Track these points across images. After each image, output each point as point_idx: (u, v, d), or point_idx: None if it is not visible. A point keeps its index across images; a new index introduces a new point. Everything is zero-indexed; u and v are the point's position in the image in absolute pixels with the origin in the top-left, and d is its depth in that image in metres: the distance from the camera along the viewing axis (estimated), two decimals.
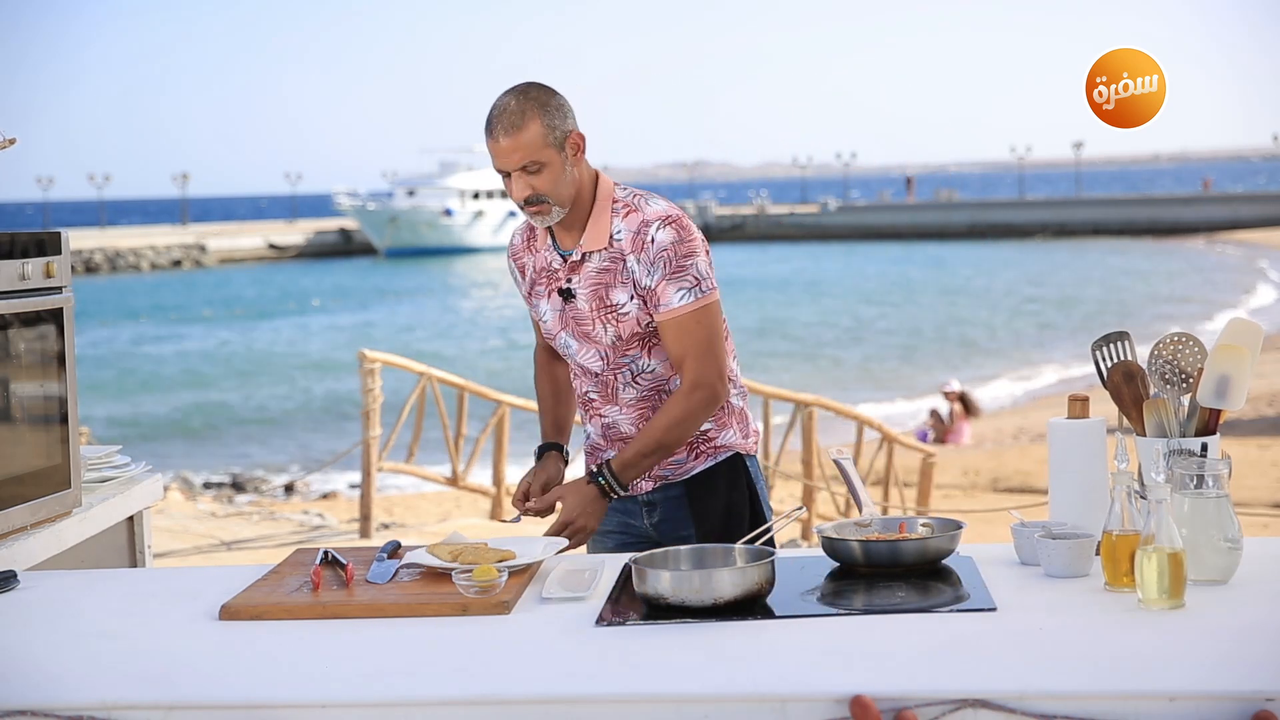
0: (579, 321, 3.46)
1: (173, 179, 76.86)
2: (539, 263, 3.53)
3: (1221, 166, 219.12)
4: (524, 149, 3.30)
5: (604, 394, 3.52)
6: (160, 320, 41.48)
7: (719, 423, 3.51)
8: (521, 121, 3.29)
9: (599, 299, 3.42)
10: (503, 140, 3.30)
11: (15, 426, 3.53)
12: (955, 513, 10.46)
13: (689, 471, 3.50)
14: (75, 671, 2.47)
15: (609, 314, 3.41)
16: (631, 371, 3.47)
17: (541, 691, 2.31)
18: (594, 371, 3.50)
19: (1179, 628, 2.48)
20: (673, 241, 3.36)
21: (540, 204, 3.36)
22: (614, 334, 3.43)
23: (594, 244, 3.41)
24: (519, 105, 3.31)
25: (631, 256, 3.38)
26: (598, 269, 3.41)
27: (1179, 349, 2.99)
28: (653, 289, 3.37)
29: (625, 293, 3.40)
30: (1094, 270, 50.32)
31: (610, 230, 3.41)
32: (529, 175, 3.33)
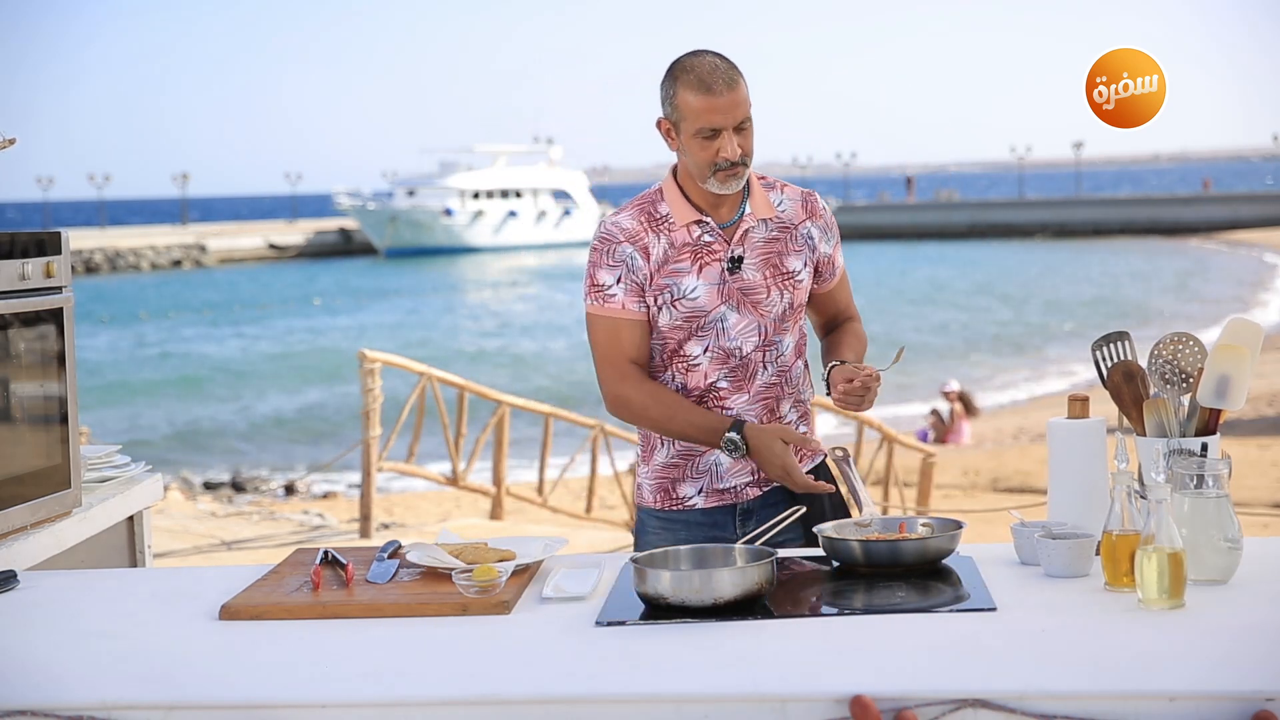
0: (748, 292, 3.41)
1: (173, 179, 76.86)
2: (678, 240, 3.41)
3: (1221, 166, 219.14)
4: (743, 104, 3.32)
5: (738, 380, 3.42)
6: (160, 320, 41.47)
7: (810, 425, 3.57)
8: (736, 77, 3.32)
9: (772, 267, 3.44)
10: (726, 95, 3.28)
11: (15, 426, 3.53)
12: (955, 513, 10.46)
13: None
14: (75, 671, 2.47)
15: (784, 280, 3.45)
16: (776, 351, 3.46)
17: (541, 691, 2.31)
18: (741, 352, 3.42)
19: (1179, 628, 2.48)
20: (831, 211, 3.58)
21: (740, 166, 3.35)
22: (787, 301, 3.45)
23: (763, 212, 3.46)
24: (727, 64, 3.33)
25: (809, 224, 3.50)
26: (767, 237, 3.46)
27: (1179, 349, 2.99)
28: (830, 255, 3.55)
29: (800, 260, 3.47)
30: (1094, 270, 50.31)
31: (772, 201, 3.49)
32: (740, 134, 3.33)
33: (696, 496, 3.46)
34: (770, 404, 3.47)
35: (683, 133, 3.35)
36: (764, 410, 3.46)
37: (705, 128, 3.30)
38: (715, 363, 3.43)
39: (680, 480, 3.47)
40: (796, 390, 3.52)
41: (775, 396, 3.47)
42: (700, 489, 3.46)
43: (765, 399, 3.46)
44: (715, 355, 3.42)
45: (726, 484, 3.45)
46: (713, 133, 3.31)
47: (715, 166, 3.33)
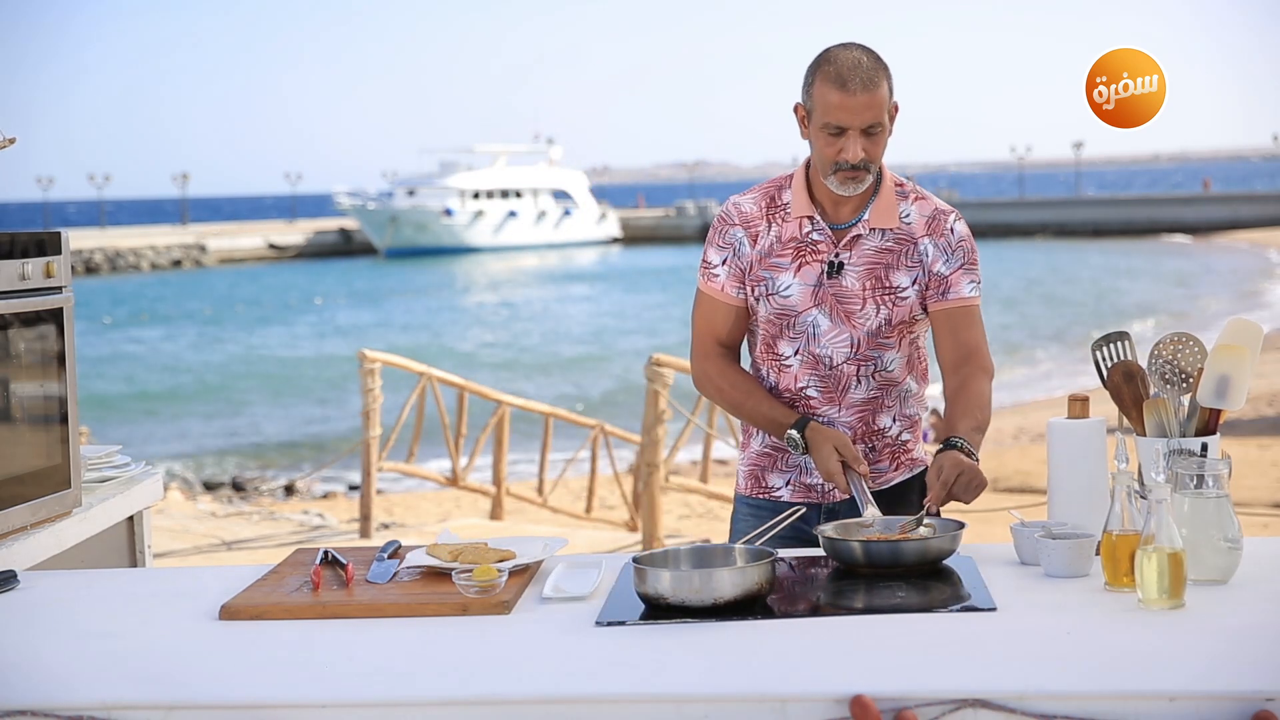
0: (842, 300, 3.33)
1: (173, 179, 76.85)
2: (787, 232, 3.36)
3: (1221, 166, 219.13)
4: (876, 108, 3.21)
5: (830, 390, 3.37)
6: (160, 320, 41.47)
7: (915, 436, 3.48)
8: (877, 78, 3.21)
9: (875, 279, 3.32)
10: (860, 95, 3.19)
11: (15, 426, 3.53)
12: (955, 512, 10.46)
13: (889, 482, 3.42)
14: (75, 671, 2.47)
15: (885, 295, 3.32)
16: (875, 366, 3.36)
17: (541, 691, 2.31)
18: (832, 362, 3.35)
19: (1179, 628, 2.48)
20: (969, 236, 3.39)
21: (862, 170, 3.25)
22: (884, 317, 3.33)
23: (883, 221, 3.33)
24: (872, 62, 3.23)
25: (927, 240, 3.33)
26: (879, 247, 3.33)
27: (1179, 349, 3.00)
28: (946, 276, 3.34)
29: (909, 276, 3.33)
30: (1094, 270, 50.31)
31: (899, 212, 3.34)
32: (867, 138, 3.23)
33: (784, 488, 3.45)
34: (866, 417, 3.39)
35: (813, 124, 3.27)
36: (859, 423, 3.38)
37: (832, 124, 3.22)
38: (805, 367, 3.38)
39: (770, 470, 3.47)
40: (900, 405, 3.43)
41: (873, 410, 3.39)
42: (788, 481, 3.44)
43: (861, 413, 3.38)
44: (805, 360, 3.37)
45: (814, 480, 3.42)
46: (839, 130, 3.22)
47: (836, 165, 3.25)
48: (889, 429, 3.42)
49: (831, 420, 3.38)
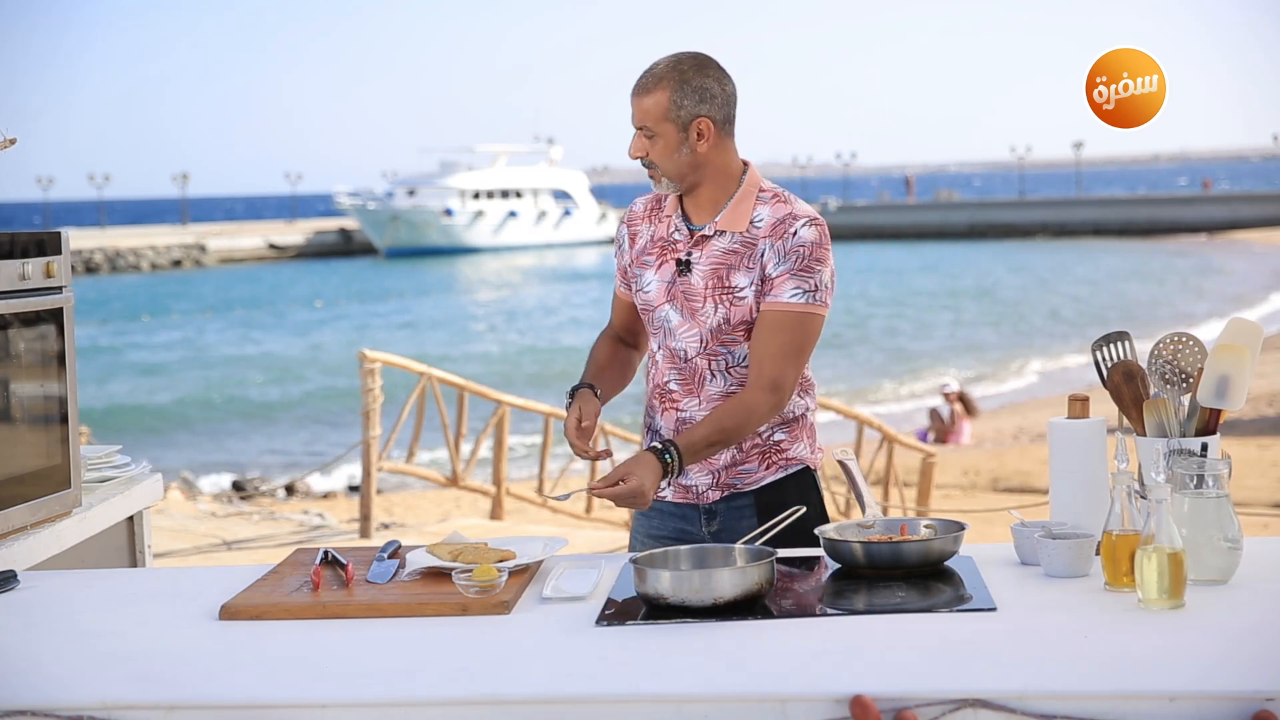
0: (689, 297, 3.41)
1: (173, 179, 76.86)
2: (658, 232, 3.48)
3: (1221, 166, 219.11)
4: (643, 113, 3.35)
5: (688, 383, 3.44)
6: (160, 320, 41.48)
7: (793, 435, 3.46)
8: (654, 87, 3.34)
9: (718, 278, 3.38)
10: (634, 97, 3.37)
11: (15, 426, 3.53)
12: (955, 513, 10.47)
13: (759, 481, 3.44)
14: (75, 671, 2.47)
15: (724, 295, 3.37)
16: (726, 361, 3.40)
17: (541, 691, 2.32)
18: (685, 356, 3.43)
19: (1179, 628, 2.48)
20: (812, 242, 3.34)
21: (651, 169, 3.40)
22: (723, 316, 3.37)
23: (732, 225, 3.39)
24: (660, 71, 3.35)
25: (766, 241, 3.36)
26: (725, 249, 3.39)
27: (1179, 349, 2.99)
28: (772, 278, 3.34)
29: (747, 278, 3.36)
30: (1094, 270, 50.32)
31: (751, 215, 3.39)
32: (645, 139, 3.37)
33: (667, 489, 3.50)
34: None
35: None
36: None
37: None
38: (666, 362, 3.47)
39: None
40: None
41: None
42: (669, 482, 3.47)
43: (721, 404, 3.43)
44: (665, 354, 3.47)
45: (690, 481, 3.47)
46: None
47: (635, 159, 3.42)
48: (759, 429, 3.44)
49: (690, 415, 3.44)
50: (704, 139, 3.34)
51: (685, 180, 3.39)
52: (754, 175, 3.44)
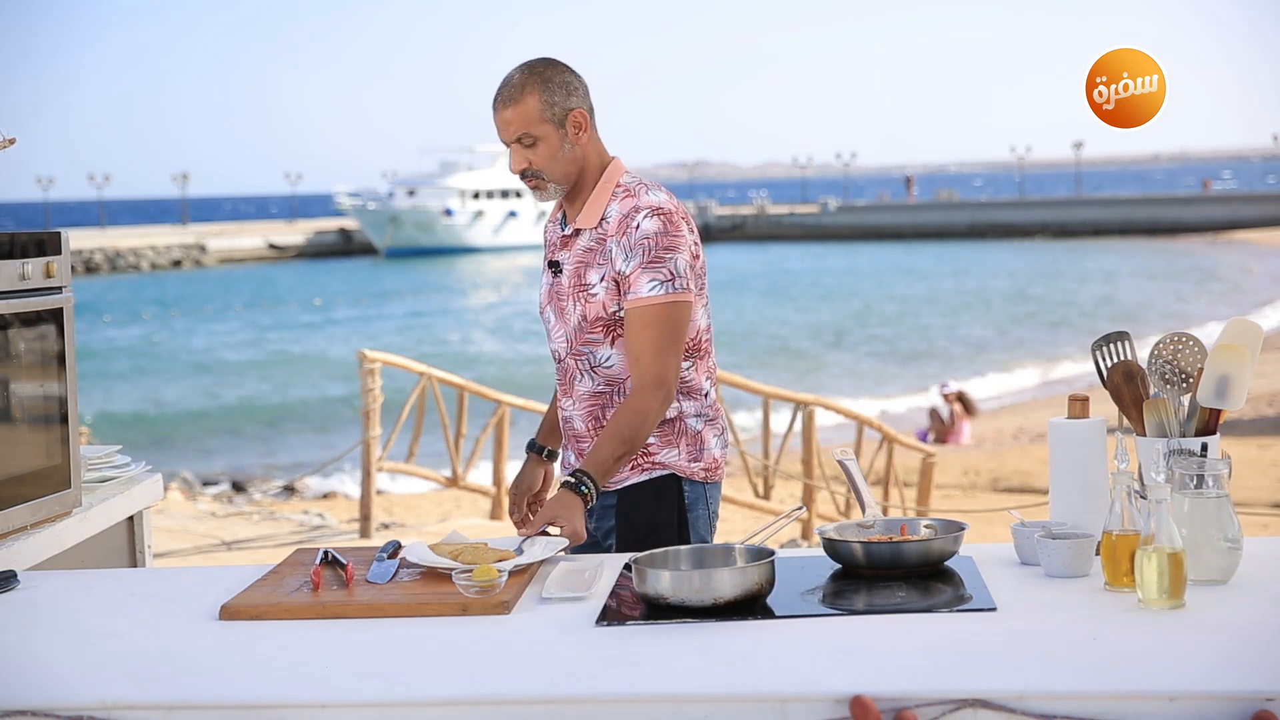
0: (559, 298, 3.48)
1: (173, 179, 76.88)
2: (550, 235, 3.58)
3: (1221, 166, 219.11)
4: (519, 121, 3.36)
5: (564, 383, 3.53)
6: (161, 320, 41.48)
7: (664, 439, 3.43)
8: (520, 94, 3.37)
9: (577, 277, 3.43)
10: (502, 111, 3.38)
11: (15, 426, 3.53)
12: (955, 513, 10.47)
13: (621, 482, 3.45)
14: (75, 671, 2.47)
15: (581, 293, 3.42)
16: (590, 361, 3.45)
17: (541, 691, 2.31)
18: (559, 356, 3.52)
19: (1179, 628, 2.48)
20: (656, 232, 3.35)
21: (535, 179, 3.42)
22: (580, 314, 3.42)
23: (585, 222, 3.44)
24: (521, 79, 3.39)
25: (613, 239, 3.38)
26: (584, 247, 3.43)
27: (1179, 349, 2.99)
28: (626, 275, 3.36)
29: (598, 274, 3.40)
30: (1094, 270, 50.32)
31: (604, 212, 3.42)
32: (525, 148, 3.39)
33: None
34: (595, 412, 3.47)
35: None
36: (589, 418, 3.47)
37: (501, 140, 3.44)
38: (553, 362, 3.56)
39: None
40: None
41: (602, 405, 3.47)
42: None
43: (590, 406, 3.48)
44: (551, 354, 3.56)
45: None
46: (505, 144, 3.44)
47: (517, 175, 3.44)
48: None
49: (569, 415, 3.52)
50: (581, 130, 3.41)
51: (570, 180, 3.44)
52: (615, 170, 3.47)
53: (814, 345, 34.09)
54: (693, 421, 3.45)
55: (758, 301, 42.94)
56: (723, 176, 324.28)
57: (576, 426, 3.51)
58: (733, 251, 62.87)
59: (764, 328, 36.81)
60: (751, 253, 63.18)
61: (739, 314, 39.33)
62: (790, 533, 10.30)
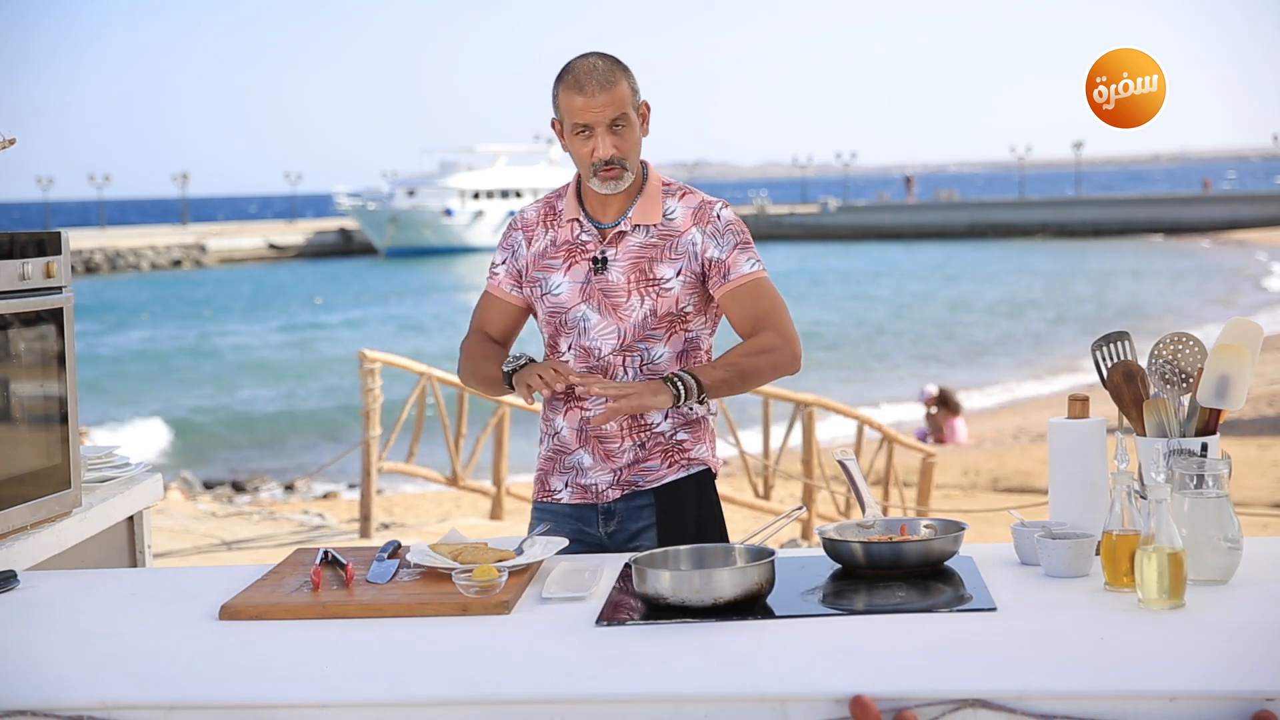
0: (609, 294, 3.44)
1: (173, 179, 76.85)
2: (559, 236, 3.52)
3: (1221, 166, 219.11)
4: (617, 103, 3.38)
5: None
6: (161, 319, 41.48)
7: (695, 435, 3.49)
8: (614, 78, 3.39)
9: (639, 271, 3.43)
10: (598, 94, 3.36)
11: (15, 426, 3.53)
12: (955, 513, 10.47)
13: (660, 479, 3.46)
14: (75, 671, 2.47)
15: (649, 286, 3.42)
16: (642, 358, 3.44)
17: (541, 691, 2.32)
18: (599, 353, 3.45)
19: (1179, 628, 2.48)
20: (737, 219, 3.51)
21: (618, 166, 3.41)
22: (649, 308, 3.42)
23: (645, 218, 3.46)
24: (608, 64, 3.41)
25: (695, 230, 3.45)
26: (642, 243, 3.45)
27: (1179, 349, 3.00)
28: (723, 260, 3.44)
29: (673, 268, 3.43)
30: (1094, 270, 50.31)
31: (663, 208, 3.47)
32: (614, 134, 3.39)
33: (564, 491, 3.54)
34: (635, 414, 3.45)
35: (566, 131, 3.44)
36: (628, 417, 3.45)
37: (579, 124, 3.39)
38: (578, 361, 3.49)
39: (551, 474, 3.57)
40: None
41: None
42: (566, 483, 3.52)
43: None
44: (578, 354, 3.49)
45: (589, 481, 3.50)
46: (586, 130, 3.39)
47: (593, 166, 3.40)
48: (659, 425, 3.48)
49: (597, 412, 3.45)
50: (645, 121, 3.48)
51: (638, 171, 3.48)
52: (653, 170, 3.54)
53: (814, 345, 34.10)
54: (710, 420, 3.55)
55: None
56: (723, 176, 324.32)
57: (605, 427, 3.46)
58: None
59: None
60: None
61: None
62: (790, 533, 10.30)
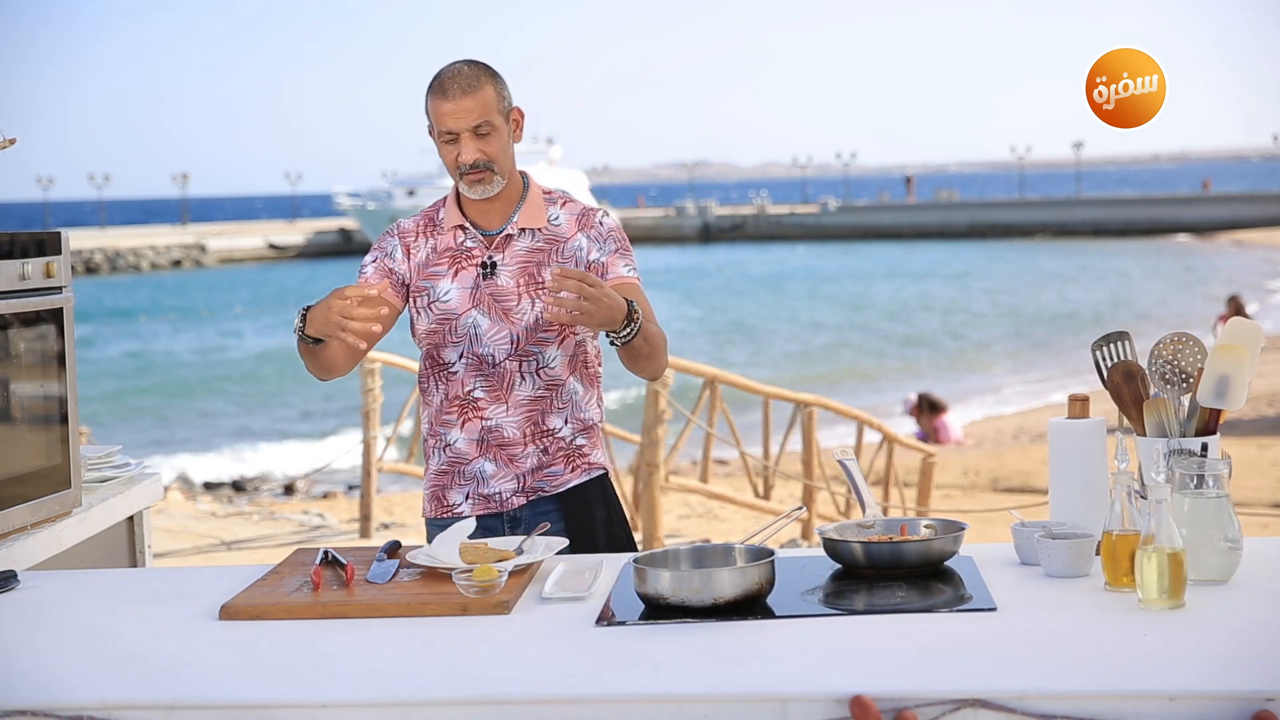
0: (499, 299, 3.46)
1: (173, 179, 76.86)
2: (441, 244, 3.53)
3: (1221, 166, 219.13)
4: (480, 109, 3.39)
5: (495, 389, 3.46)
6: (161, 319, 41.48)
7: (591, 441, 3.55)
8: (478, 84, 3.41)
9: (528, 275, 3.47)
10: (460, 99, 3.38)
11: (15, 426, 3.53)
12: (955, 513, 10.47)
13: (565, 484, 3.50)
14: (75, 671, 2.47)
15: (539, 290, 3.45)
16: (537, 362, 3.46)
17: (541, 691, 2.32)
18: (494, 360, 3.45)
19: (1179, 628, 2.48)
20: (618, 227, 3.58)
21: (486, 170, 3.43)
22: (539, 311, 3.44)
23: (531, 222, 3.50)
24: (473, 70, 3.44)
25: (580, 236, 3.50)
26: (529, 247, 3.49)
27: (1179, 349, 2.99)
28: (603, 261, 3.48)
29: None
30: (1094, 270, 50.31)
31: (547, 215, 3.52)
32: (479, 139, 3.41)
33: (464, 503, 3.52)
34: (535, 417, 3.48)
35: (435, 138, 3.48)
36: (527, 424, 3.47)
37: (444, 131, 3.42)
38: (471, 370, 3.48)
39: (449, 488, 3.54)
40: (572, 408, 3.51)
41: (542, 410, 3.49)
42: (467, 495, 3.51)
43: (529, 412, 3.48)
44: (470, 362, 3.48)
45: (491, 490, 3.49)
46: (451, 136, 3.41)
47: (460, 170, 3.43)
48: (560, 430, 3.50)
49: (497, 423, 3.47)
50: (518, 128, 3.52)
51: (508, 176, 3.49)
52: (535, 181, 3.60)
53: (814, 345, 34.09)
54: (600, 426, 3.59)
55: (758, 302, 42.93)
56: (723, 176, 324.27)
57: (507, 434, 3.46)
58: (733, 251, 62.83)
59: (764, 327, 36.81)
60: (751, 253, 63.16)
61: (739, 314, 39.36)
62: (790, 533, 10.30)
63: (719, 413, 10.12)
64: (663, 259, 60.06)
